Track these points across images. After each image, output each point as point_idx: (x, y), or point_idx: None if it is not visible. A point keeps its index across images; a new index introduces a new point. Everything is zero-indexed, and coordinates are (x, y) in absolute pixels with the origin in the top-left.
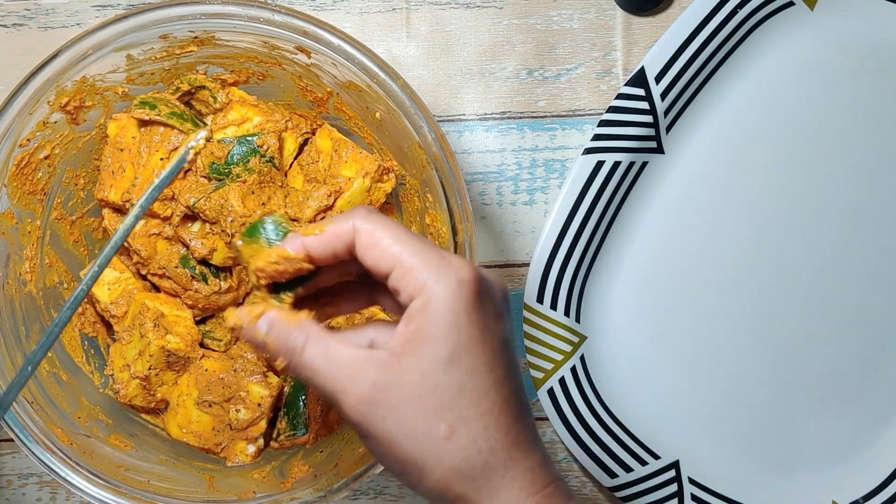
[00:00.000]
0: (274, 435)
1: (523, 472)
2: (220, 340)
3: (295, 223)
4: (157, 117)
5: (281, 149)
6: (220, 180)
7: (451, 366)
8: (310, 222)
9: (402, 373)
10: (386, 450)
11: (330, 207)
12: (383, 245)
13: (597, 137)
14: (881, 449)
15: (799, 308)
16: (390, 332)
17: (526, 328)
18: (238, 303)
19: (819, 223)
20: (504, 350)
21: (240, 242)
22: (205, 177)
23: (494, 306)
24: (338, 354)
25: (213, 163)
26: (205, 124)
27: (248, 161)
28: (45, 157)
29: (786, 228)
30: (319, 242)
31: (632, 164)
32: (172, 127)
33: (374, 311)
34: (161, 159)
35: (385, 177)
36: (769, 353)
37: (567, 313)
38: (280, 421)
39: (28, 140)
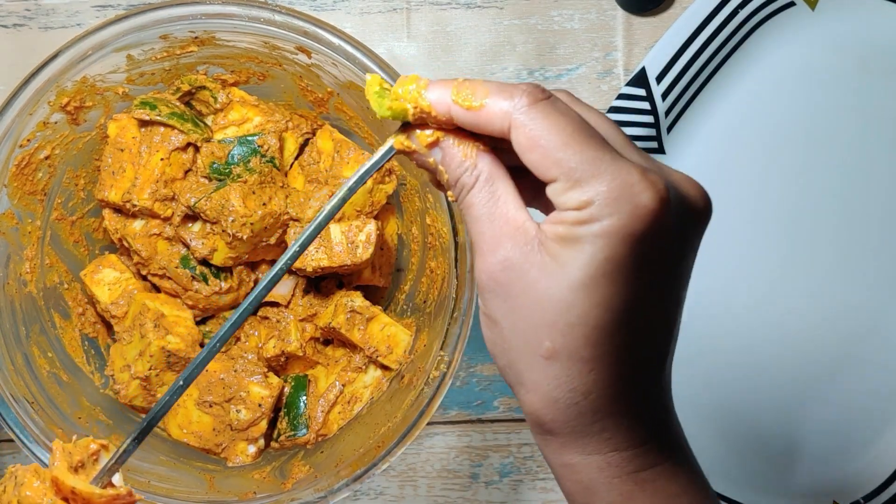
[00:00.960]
0: (274, 435)
1: (616, 426)
2: None
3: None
4: (158, 117)
5: (281, 149)
6: (220, 180)
7: (582, 290)
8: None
9: (537, 267)
10: (494, 335)
11: None
12: (544, 152)
13: None
14: (882, 449)
15: (800, 307)
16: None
17: None
18: (239, 303)
19: (820, 222)
20: (659, 294)
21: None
22: (205, 177)
23: (674, 244)
24: (497, 210)
25: (214, 163)
26: (205, 125)
27: (249, 161)
28: (46, 158)
29: (787, 227)
30: (469, 119)
31: None
32: (172, 127)
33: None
34: (161, 159)
35: (387, 178)
36: (770, 353)
37: None
38: (280, 421)
39: (28, 140)
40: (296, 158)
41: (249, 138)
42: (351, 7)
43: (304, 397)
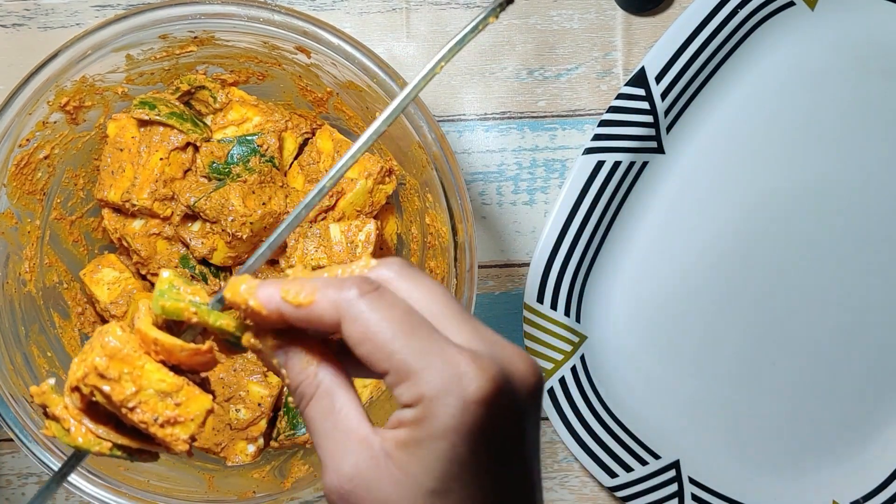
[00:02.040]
0: (274, 434)
1: None
2: None
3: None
4: (157, 117)
5: (281, 149)
6: (220, 180)
7: (434, 498)
8: (311, 222)
9: (384, 479)
10: None
11: (332, 208)
12: (373, 343)
13: (597, 137)
14: (881, 449)
15: (799, 308)
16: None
17: (526, 328)
18: None
19: (820, 222)
20: (509, 488)
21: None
22: (205, 177)
23: (513, 426)
24: (337, 423)
25: (213, 162)
26: (205, 125)
27: (249, 161)
28: (45, 157)
29: (786, 228)
30: (301, 316)
31: (632, 164)
32: (172, 127)
33: None
34: (160, 159)
35: (387, 178)
36: (769, 352)
37: (567, 313)
38: (280, 420)
39: (28, 140)
40: (295, 158)
41: (249, 138)
42: (350, 7)
43: None
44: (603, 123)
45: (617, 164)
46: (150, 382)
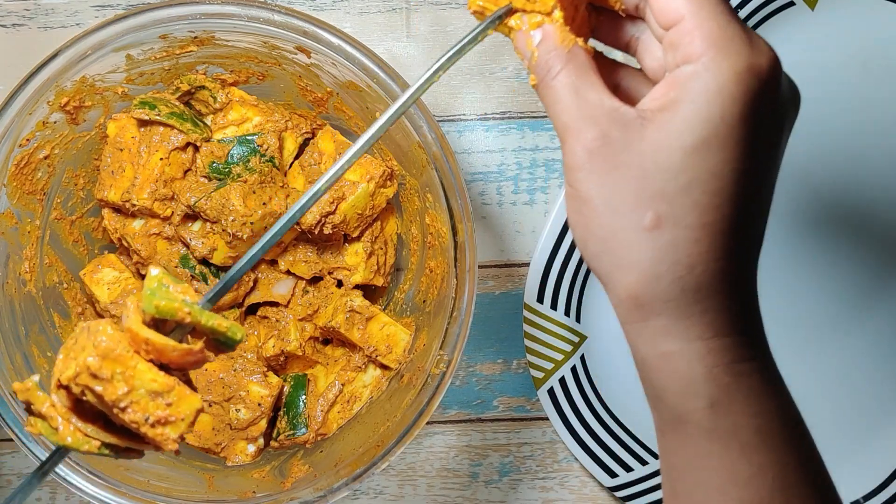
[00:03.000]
0: (274, 434)
1: (718, 307)
2: None
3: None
4: (157, 117)
5: (281, 149)
6: (220, 180)
7: (692, 155)
8: (312, 226)
9: (638, 139)
10: (586, 217)
11: (332, 213)
12: None
13: None
14: (881, 448)
15: (799, 308)
16: (643, 86)
17: (526, 328)
18: (238, 303)
19: (820, 222)
20: (764, 169)
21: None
22: (205, 176)
23: (780, 114)
24: (586, 93)
25: (213, 162)
26: (205, 125)
27: (249, 161)
28: (45, 157)
29: (786, 227)
30: None
31: None
32: (172, 127)
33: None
34: (160, 159)
35: (388, 182)
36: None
37: (567, 313)
38: (280, 420)
39: (28, 140)
40: (295, 158)
41: (249, 138)
42: (350, 7)
43: (304, 396)
44: None
45: None
46: (142, 382)
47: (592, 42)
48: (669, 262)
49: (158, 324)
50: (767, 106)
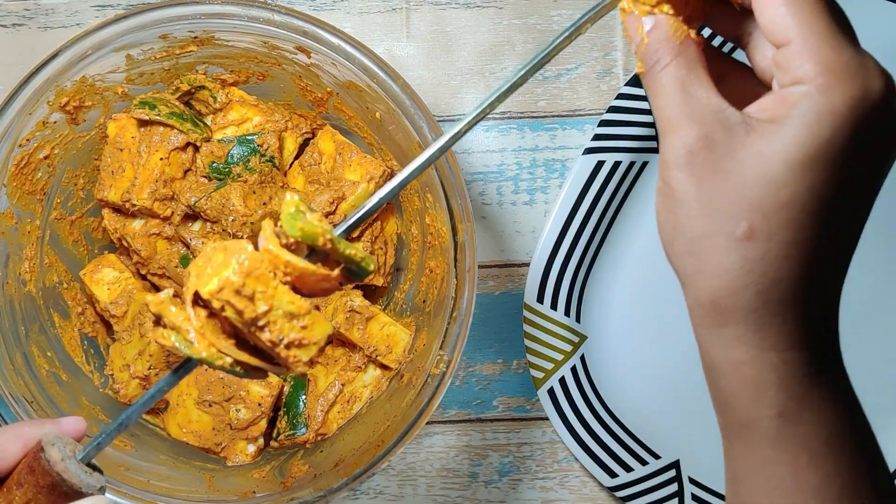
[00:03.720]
0: (274, 434)
1: (798, 321)
2: None
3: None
4: (157, 117)
5: (281, 149)
6: (220, 180)
7: (796, 171)
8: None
9: (743, 146)
10: (676, 216)
11: (332, 213)
12: (791, 10)
13: (597, 137)
14: (881, 449)
15: None
16: (750, 82)
17: (526, 328)
18: None
19: None
20: (864, 195)
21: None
22: (205, 176)
23: (884, 143)
24: (694, 90)
25: (214, 162)
26: (205, 125)
27: (249, 161)
28: (45, 157)
29: None
30: None
31: (632, 164)
32: (172, 127)
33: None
34: (160, 159)
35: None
36: None
37: (567, 313)
38: (280, 420)
39: (28, 140)
40: (295, 158)
41: (249, 138)
42: (350, 7)
43: (304, 396)
44: (603, 123)
45: (617, 164)
46: (280, 304)
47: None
48: (757, 273)
49: (290, 248)
50: (878, 132)
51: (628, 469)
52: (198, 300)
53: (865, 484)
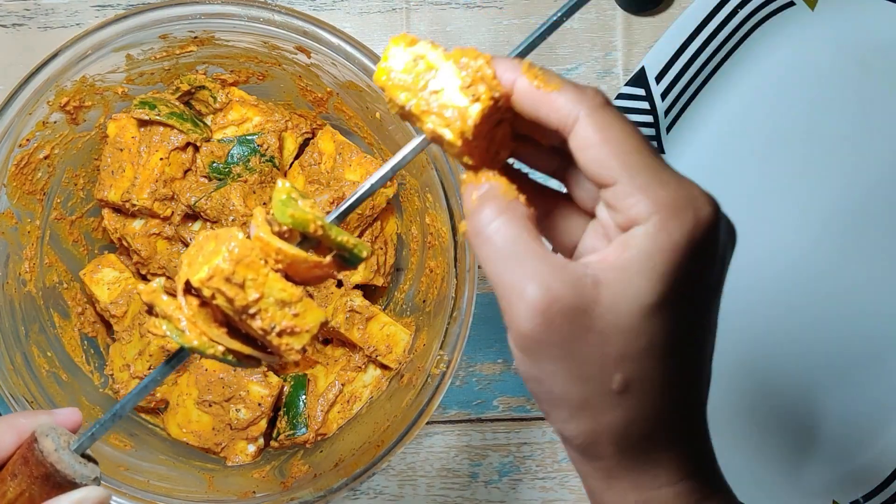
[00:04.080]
0: (274, 434)
1: (684, 450)
2: None
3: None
4: (157, 117)
5: (281, 148)
6: (220, 180)
7: (653, 316)
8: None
9: (597, 301)
10: (543, 382)
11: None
12: (611, 151)
13: None
14: (881, 449)
15: (801, 309)
16: (593, 239)
17: None
18: None
19: (820, 222)
20: (708, 313)
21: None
22: (205, 176)
23: (718, 257)
24: (530, 249)
25: (214, 162)
26: (205, 125)
27: (249, 160)
28: (45, 157)
29: (787, 227)
30: (533, 98)
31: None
32: (172, 127)
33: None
34: (160, 159)
35: (388, 182)
36: (771, 353)
37: None
38: (280, 420)
39: (28, 140)
40: (296, 158)
41: (249, 138)
42: (350, 7)
43: (304, 396)
44: None
45: None
46: (271, 291)
47: (516, 164)
48: (641, 420)
49: (282, 236)
50: (714, 253)
51: None
52: (189, 289)
53: None
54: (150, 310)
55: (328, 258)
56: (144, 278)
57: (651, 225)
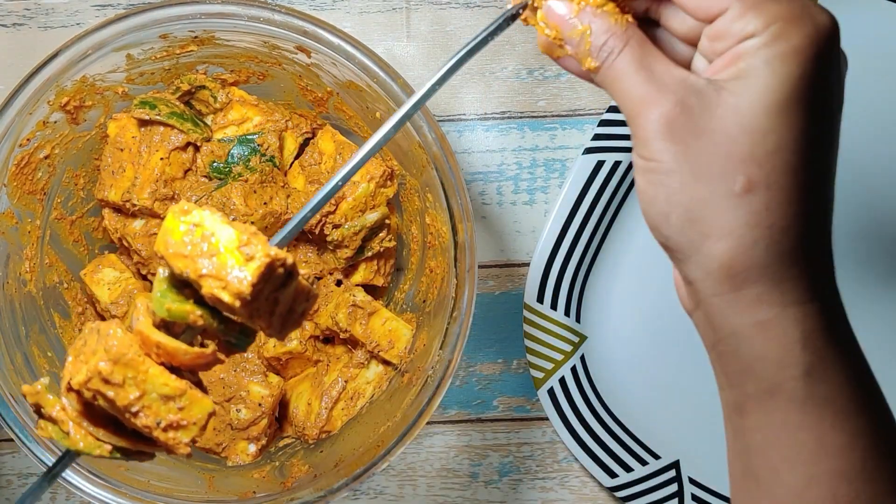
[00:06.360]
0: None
1: (814, 269)
2: None
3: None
4: (157, 117)
5: (281, 148)
6: (220, 179)
7: (777, 115)
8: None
9: (718, 104)
10: (668, 189)
11: (332, 213)
12: None
13: (597, 137)
14: None
15: None
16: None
17: (526, 328)
18: None
19: None
20: (832, 127)
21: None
22: (205, 176)
23: (840, 76)
24: (652, 66)
25: (214, 162)
26: (205, 124)
27: (249, 160)
28: (45, 157)
29: None
30: None
31: (632, 163)
32: (172, 127)
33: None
34: (161, 159)
35: (388, 182)
36: None
37: (567, 313)
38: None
39: (28, 140)
40: (296, 158)
41: (249, 137)
42: (350, 6)
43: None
44: (603, 123)
45: (617, 164)
46: (153, 387)
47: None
48: (765, 225)
49: (168, 325)
50: (836, 64)
51: (628, 469)
52: (71, 387)
53: (889, 443)
54: (37, 410)
55: (211, 347)
56: (145, 278)
57: (768, 34)
